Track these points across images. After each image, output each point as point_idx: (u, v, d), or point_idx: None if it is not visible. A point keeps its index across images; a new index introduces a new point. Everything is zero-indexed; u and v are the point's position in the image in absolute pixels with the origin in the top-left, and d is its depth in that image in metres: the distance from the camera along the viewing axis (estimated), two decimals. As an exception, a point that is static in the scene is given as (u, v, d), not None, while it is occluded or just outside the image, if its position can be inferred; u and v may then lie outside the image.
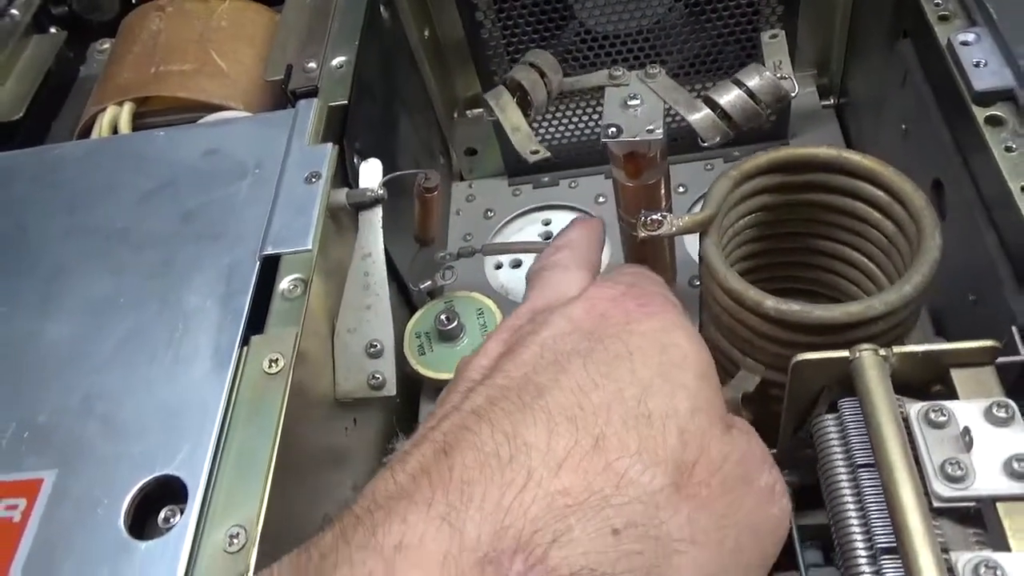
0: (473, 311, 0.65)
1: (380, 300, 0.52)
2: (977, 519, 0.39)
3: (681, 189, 0.82)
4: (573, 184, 0.86)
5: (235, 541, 0.36)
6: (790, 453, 0.51)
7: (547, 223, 0.85)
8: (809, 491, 0.50)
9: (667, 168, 0.61)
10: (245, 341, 0.44)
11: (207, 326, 0.45)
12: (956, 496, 0.37)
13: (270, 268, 0.48)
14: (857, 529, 0.40)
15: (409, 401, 0.65)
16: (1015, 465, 0.37)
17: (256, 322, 0.46)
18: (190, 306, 0.47)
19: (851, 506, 0.41)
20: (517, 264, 0.82)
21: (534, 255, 0.82)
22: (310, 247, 0.48)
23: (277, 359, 0.42)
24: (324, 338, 0.51)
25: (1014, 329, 0.43)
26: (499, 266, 0.83)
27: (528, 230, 0.85)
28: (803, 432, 0.49)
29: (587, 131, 0.84)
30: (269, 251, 0.48)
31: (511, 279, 0.81)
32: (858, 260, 0.55)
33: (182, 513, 0.39)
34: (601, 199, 0.84)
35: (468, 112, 0.88)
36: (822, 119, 0.87)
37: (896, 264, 0.51)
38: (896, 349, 0.42)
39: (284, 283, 0.46)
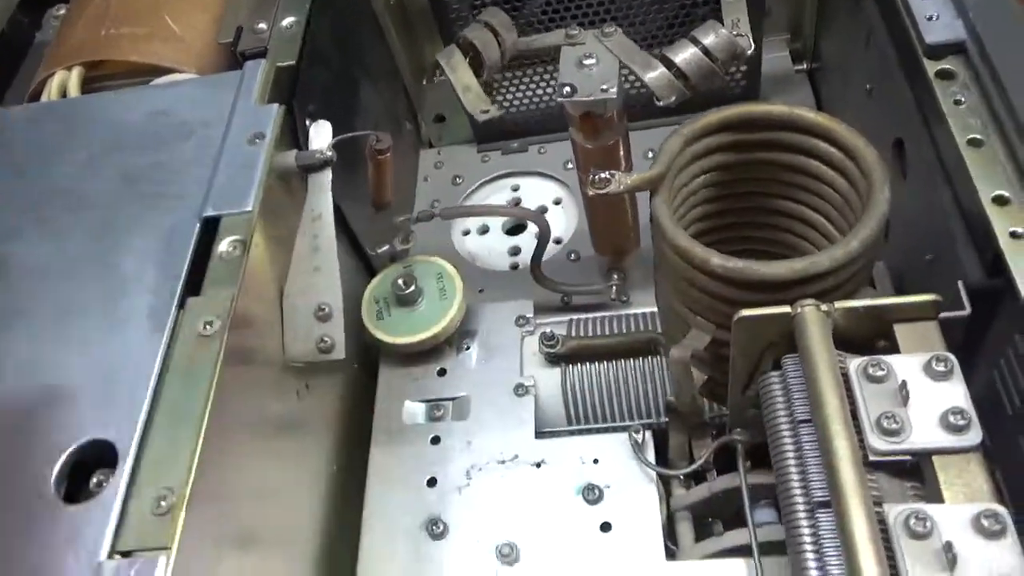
0: (433, 275, 0.65)
1: (328, 262, 0.52)
2: (916, 472, 0.39)
3: (651, 154, 0.81)
4: (542, 150, 0.85)
5: (162, 504, 0.36)
6: (740, 412, 0.51)
7: (516, 189, 0.84)
8: (762, 449, 0.50)
9: (625, 129, 0.60)
10: (182, 304, 0.44)
11: (145, 289, 0.45)
12: (892, 450, 0.37)
13: (212, 230, 0.47)
14: (796, 484, 0.40)
15: (367, 366, 0.64)
16: (951, 418, 0.37)
17: (196, 285, 0.45)
18: (130, 269, 0.46)
19: (792, 462, 0.41)
20: (485, 230, 0.82)
21: (501, 220, 0.82)
22: (250, 208, 0.47)
23: (212, 321, 0.42)
24: (272, 302, 0.51)
25: (960, 283, 0.43)
26: (466, 232, 0.82)
27: (496, 197, 0.84)
28: (752, 391, 0.48)
29: (556, 96, 0.82)
30: (210, 213, 0.47)
31: (478, 245, 0.81)
32: (814, 218, 0.54)
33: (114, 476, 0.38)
34: (570, 165, 0.83)
35: (436, 78, 0.87)
36: (794, 83, 0.86)
37: (850, 220, 0.50)
38: (838, 304, 0.41)
39: (223, 245, 0.46)
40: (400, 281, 0.62)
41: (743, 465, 0.52)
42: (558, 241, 0.78)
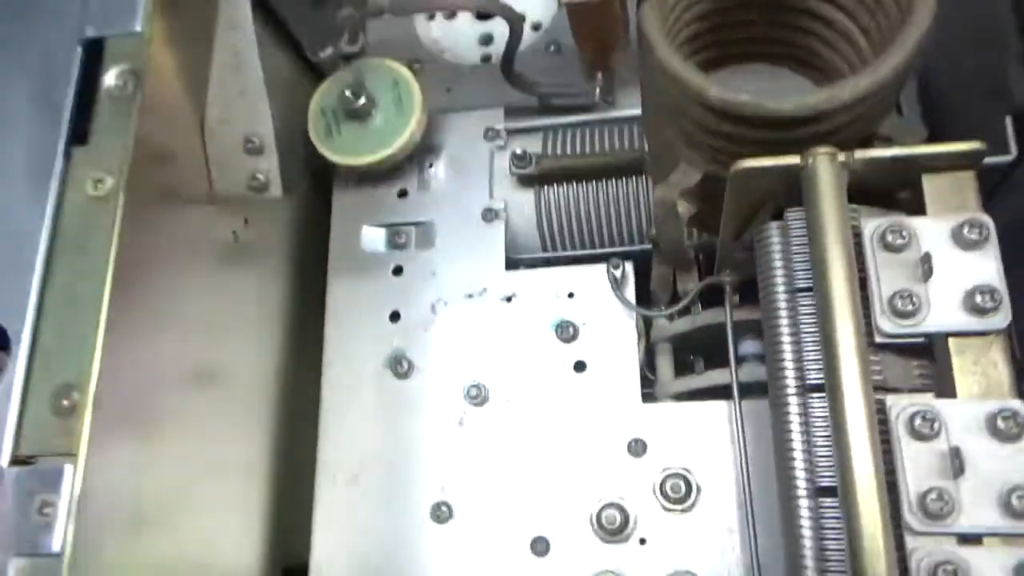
0: (387, 83, 0.56)
1: (254, 84, 0.44)
2: (925, 351, 0.34)
3: (645, -84, 0.68)
4: (518, -92, 0.72)
5: (64, 403, 0.32)
6: (731, 255, 0.46)
7: (487, -38, 0.72)
8: (750, 285, 0.45)
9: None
10: (69, 154, 0.36)
11: (24, 133, 0.37)
12: (903, 332, 0.32)
13: (97, 55, 0.38)
14: (789, 362, 0.35)
15: (321, 186, 0.57)
16: (977, 298, 0.31)
17: (86, 128, 0.37)
18: (9, 108, 0.38)
19: (786, 336, 0.36)
20: (452, 14, 0.71)
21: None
22: (139, 29, 0.38)
23: (103, 179, 0.35)
24: (190, 131, 0.43)
25: (1008, 120, 0.35)
26: (431, 16, 0.71)
27: (464, -28, 0.72)
28: (747, 235, 0.43)
29: None
30: (91, 33, 0.38)
31: (445, 33, 0.70)
32: (836, 18, 0.45)
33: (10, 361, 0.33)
34: (551, -71, 0.70)
35: None
36: None
37: (882, 26, 0.42)
38: (859, 154, 0.34)
39: (110, 77, 0.37)
40: (348, 93, 0.53)
41: (730, 305, 0.48)
42: (536, 27, 0.68)
